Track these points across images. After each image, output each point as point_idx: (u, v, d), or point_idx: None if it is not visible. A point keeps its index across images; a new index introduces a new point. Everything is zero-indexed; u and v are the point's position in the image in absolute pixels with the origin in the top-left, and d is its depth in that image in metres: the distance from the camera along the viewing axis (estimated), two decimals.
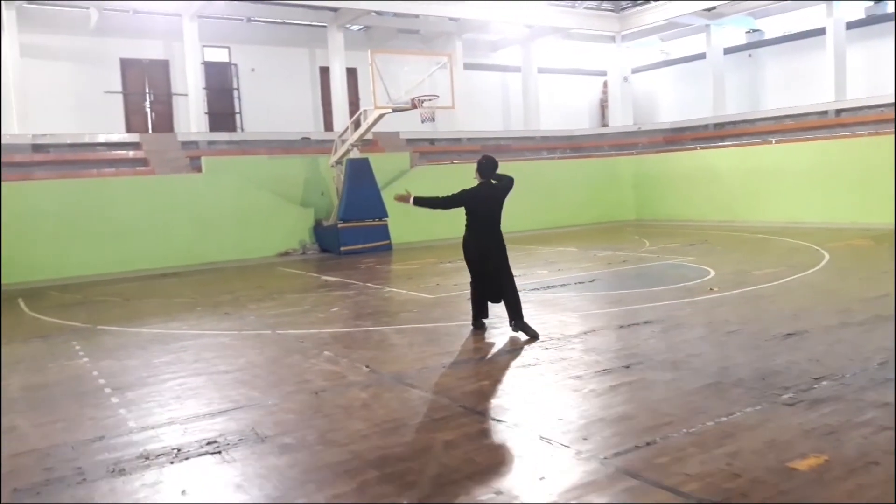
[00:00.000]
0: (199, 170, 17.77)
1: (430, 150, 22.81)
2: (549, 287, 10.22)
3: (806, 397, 4.79)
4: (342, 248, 16.78)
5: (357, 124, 16.94)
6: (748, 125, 22.94)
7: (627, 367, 5.78)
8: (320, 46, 22.57)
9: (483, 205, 7.28)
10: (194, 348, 7.49)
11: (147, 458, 4.36)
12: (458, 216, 7.40)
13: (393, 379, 5.83)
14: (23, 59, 18.07)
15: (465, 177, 20.15)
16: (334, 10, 21.14)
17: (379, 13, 22.16)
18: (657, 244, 15.24)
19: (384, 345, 7.22)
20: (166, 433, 4.81)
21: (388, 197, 18.47)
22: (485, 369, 6.06)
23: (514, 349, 6.66)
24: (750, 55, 25.41)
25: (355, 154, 17.34)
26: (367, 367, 6.26)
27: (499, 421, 4.68)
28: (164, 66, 21.36)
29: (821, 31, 21.74)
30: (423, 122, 15.18)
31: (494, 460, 4.08)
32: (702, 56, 25.26)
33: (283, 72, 22.73)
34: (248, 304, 10.24)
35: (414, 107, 14.73)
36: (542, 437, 4.30)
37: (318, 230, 17.94)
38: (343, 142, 17.52)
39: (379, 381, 5.80)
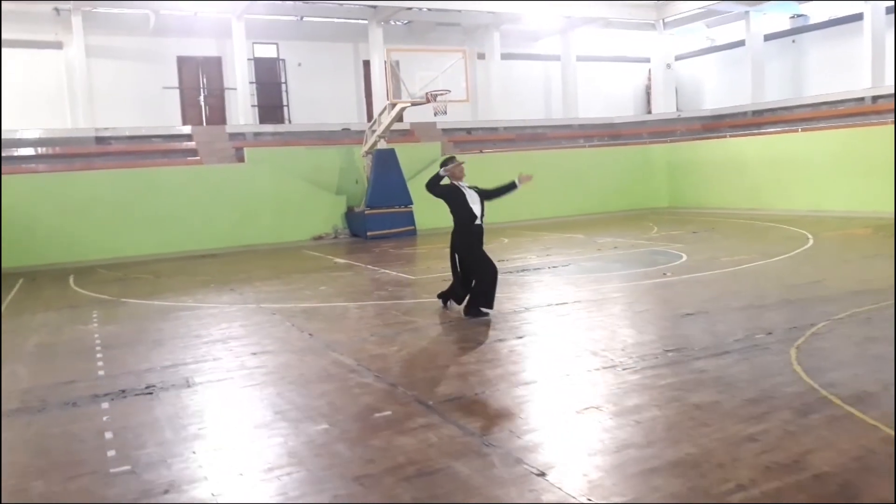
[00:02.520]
0: (242, 160, 19.26)
1: (466, 140, 23.69)
2: (522, 270, 11.05)
3: (641, 364, 5.58)
4: (368, 234, 17.96)
5: (382, 118, 18.01)
6: (786, 112, 22.84)
7: (521, 337, 6.66)
8: (363, 41, 23.74)
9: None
10: (185, 318, 8.75)
11: (97, 396, 5.57)
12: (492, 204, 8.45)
13: (324, 345, 6.88)
14: (88, 59, 20.00)
15: (493, 166, 21.30)
16: (373, 7, 22.26)
17: (418, 9, 23.13)
18: (664, 231, 15.76)
19: (340, 318, 8.28)
20: (122, 380, 6.01)
21: (415, 186, 19.57)
22: (404, 338, 7.02)
23: (442, 322, 7.60)
24: (794, 41, 25.15)
25: (382, 145, 18.43)
26: (311, 334, 7.34)
27: (379, 378, 5.67)
28: (216, 62, 22.98)
29: (862, 17, 21.44)
30: (435, 115, 16.12)
31: (352, 409, 5.06)
32: (744, 42, 25.16)
33: (328, 66, 24.02)
34: (254, 282, 11.50)
35: (427, 101, 15.68)
36: (417, 400, 5.27)
37: (350, 216, 19.18)
38: (373, 132, 18.64)
39: (311, 346, 6.88)
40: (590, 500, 3.39)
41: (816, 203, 18.53)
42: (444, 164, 8.20)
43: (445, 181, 8.12)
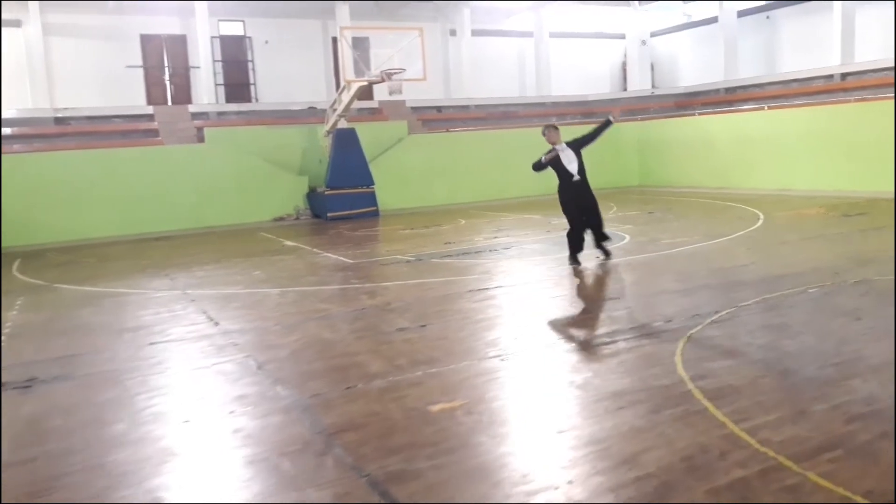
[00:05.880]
0: (203, 140, 19.04)
1: (436, 118, 23.46)
2: (462, 254, 10.93)
3: (523, 355, 5.49)
4: (329, 214, 17.81)
5: (342, 97, 17.77)
6: (757, 90, 22.63)
7: (424, 325, 6.56)
8: (331, 18, 23.38)
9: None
10: (106, 305, 8.64)
11: None
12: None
13: (221, 332, 6.78)
14: (46, 38, 19.68)
15: (459, 145, 21.11)
16: None
17: None
18: (621, 212, 15.61)
19: (256, 305, 8.16)
20: (9, 371, 5.90)
21: (381, 166, 19.41)
22: (308, 327, 6.90)
23: (355, 310, 7.50)
24: (768, 17, 24.84)
25: (343, 124, 18.21)
26: (217, 324, 7.23)
27: (261, 370, 5.57)
28: (181, 40, 22.64)
29: None
30: (390, 94, 15.91)
31: (221, 388, 4.98)
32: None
33: (295, 43, 23.69)
34: (193, 266, 11.38)
35: (382, 80, 15.46)
36: (261, 368, 5.19)
37: (312, 197, 19.01)
38: (334, 112, 18.41)
39: (207, 332, 6.79)
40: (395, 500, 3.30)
41: (782, 182, 18.40)
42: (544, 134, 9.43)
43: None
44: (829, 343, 5.35)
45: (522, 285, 8.42)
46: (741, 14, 24.50)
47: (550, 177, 9.46)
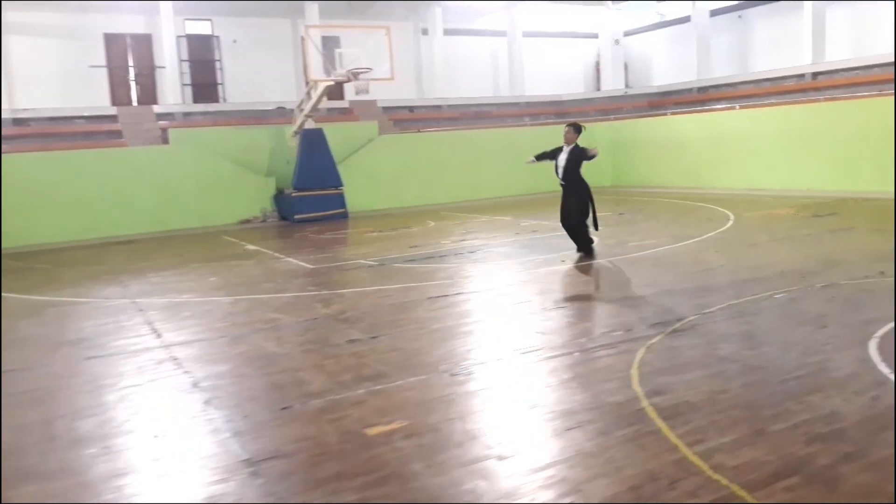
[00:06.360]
0: (167, 142, 18.57)
1: (408, 118, 23.16)
2: (427, 258, 10.64)
3: (473, 370, 5.21)
4: (296, 217, 17.43)
5: (310, 96, 17.41)
6: (730, 89, 22.58)
7: (375, 337, 6.26)
8: (300, 16, 22.98)
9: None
10: (50, 316, 8.24)
11: None
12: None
13: (162, 345, 6.44)
14: (6, 36, 19.09)
15: (432, 145, 20.81)
16: None
17: None
18: None
19: (204, 315, 7.79)
20: None
21: (350, 167, 19.07)
22: (253, 339, 6.56)
23: (306, 320, 7.18)
24: (740, 16, 24.79)
25: (311, 124, 17.85)
26: (159, 336, 6.88)
27: (195, 387, 5.25)
28: (146, 39, 22.12)
29: None
30: (357, 93, 15.60)
31: (150, 409, 4.65)
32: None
33: (264, 43, 23.24)
34: (148, 272, 10.99)
35: (349, 80, 15.13)
36: (196, 386, 4.87)
37: (279, 199, 18.62)
38: (301, 112, 18.03)
39: (149, 345, 6.45)
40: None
41: (754, 182, 18.30)
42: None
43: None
44: (791, 354, 5.13)
45: (484, 292, 8.16)
46: (714, 13, 24.46)
47: (526, 177, 9.33)
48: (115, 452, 4.13)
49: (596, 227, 9.89)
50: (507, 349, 5.71)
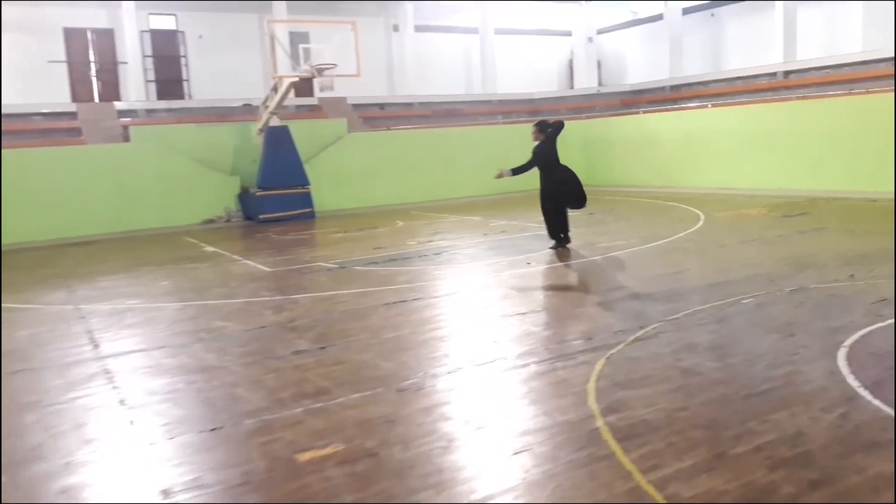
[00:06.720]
0: (129, 139, 18.03)
1: (379, 116, 22.78)
2: (390, 260, 10.30)
3: (422, 383, 4.88)
4: (261, 217, 16.98)
5: (275, 92, 16.98)
6: (702, 87, 22.48)
7: (323, 347, 5.91)
8: (268, 12, 22.49)
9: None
10: None
11: None
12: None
13: (96, 357, 6.04)
14: None
15: (402, 143, 20.44)
16: None
17: None
18: None
19: (148, 322, 7.40)
20: None
21: (315, 166, 18.66)
22: (194, 349, 6.19)
23: (252, 329, 6.82)
24: (713, 14, 24.74)
25: (276, 122, 17.41)
26: (97, 346, 6.47)
27: (114, 390, 4.87)
28: (108, 34, 21.56)
29: None
30: (321, 90, 15.20)
31: (70, 430, 4.27)
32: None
33: (231, 38, 22.80)
34: (99, 276, 10.52)
35: (313, 76, 14.72)
36: (123, 403, 4.49)
37: (244, 198, 18.15)
38: (266, 109, 17.59)
39: (83, 356, 6.06)
40: None
41: (726, 181, 18.15)
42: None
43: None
44: (757, 366, 4.86)
45: (444, 297, 7.84)
46: (686, 12, 24.37)
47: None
48: (19, 485, 3.75)
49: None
50: (462, 361, 5.40)
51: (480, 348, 5.72)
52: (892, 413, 3.92)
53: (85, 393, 5.17)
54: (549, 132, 10.11)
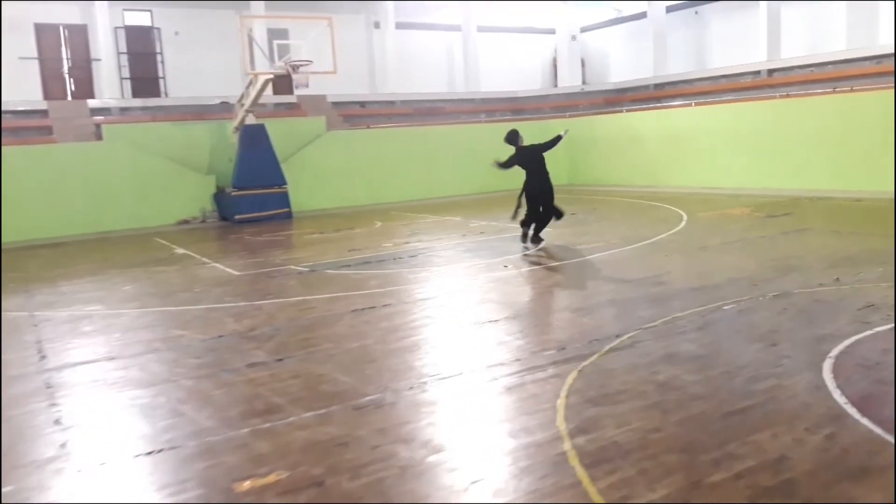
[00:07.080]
0: (101, 138, 17.58)
1: (359, 114, 22.41)
2: (364, 263, 9.97)
3: (358, 399, 4.56)
4: (236, 217, 16.58)
5: (250, 90, 16.59)
6: (686, 86, 22.25)
7: (281, 359, 5.57)
8: (245, 8, 22.06)
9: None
10: None
11: None
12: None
13: (41, 370, 5.68)
14: None
15: (383, 142, 20.09)
16: None
17: None
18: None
19: (106, 329, 7.03)
20: None
21: (296, 164, 18.29)
22: (145, 360, 5.84)
23: (210, 338, 6.47)
24: (696, 12, 24.53)
25: (252, 120, 17.02)
26: (44, 356, 6.10)
27: (50, 407, 4.52)
28: (81, 30, 21.05)
29: None
30: (297, 87, 14.83)
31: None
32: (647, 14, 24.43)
33: (208, 35, 22.31)
34: (61, 280, 10.12)
35: (288, 73, 14.35)
36: (58, 423, 4.14)
37: (220, 198, 17.74)
38: (242, 107, 17.19)
39: (27, 369, 5.69)
40: None
41: (709, 180, 17.95)
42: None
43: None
44: (738, 380, 4.57)
45: (415, 303, 7.50)
46: (670, 10, 24.15)
47: (480, 176, 8.81)
48: None
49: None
50: (426, 374, 5.08)
51: (448, 360, 5.41)
52: (882, 433, 3.63)
53: (21, 411, 4.81)
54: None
